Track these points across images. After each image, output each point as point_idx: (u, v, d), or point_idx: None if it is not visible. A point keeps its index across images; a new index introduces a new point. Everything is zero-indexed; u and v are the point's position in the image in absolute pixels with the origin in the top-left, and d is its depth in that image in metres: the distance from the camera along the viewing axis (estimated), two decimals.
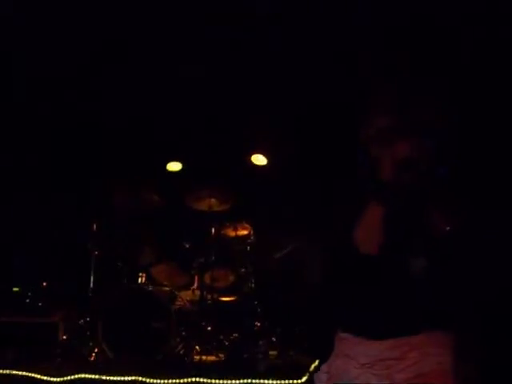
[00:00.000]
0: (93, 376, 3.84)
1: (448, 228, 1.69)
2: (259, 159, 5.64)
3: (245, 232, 5.26)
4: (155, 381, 3.79)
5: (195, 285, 5.12)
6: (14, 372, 3.90)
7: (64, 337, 4.60)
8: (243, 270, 5.08)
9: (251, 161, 5.62)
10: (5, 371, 3.90)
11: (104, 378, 3.82)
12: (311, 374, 3.63)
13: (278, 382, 3.74)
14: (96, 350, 4.35)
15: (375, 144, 1.77)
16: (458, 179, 1.80)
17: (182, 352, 4.51)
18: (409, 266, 1.72)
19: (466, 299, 1.71)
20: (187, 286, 5.12)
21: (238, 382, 3.76)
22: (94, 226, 4.91)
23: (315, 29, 4.00)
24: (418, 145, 1.69)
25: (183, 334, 4.58)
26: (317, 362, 3.72)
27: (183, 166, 5.65)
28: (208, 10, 4.01)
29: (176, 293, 4.87)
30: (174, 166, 5.68)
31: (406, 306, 1.75)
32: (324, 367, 1.94)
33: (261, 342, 4.55)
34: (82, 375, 3.86)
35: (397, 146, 1.69)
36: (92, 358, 4.33)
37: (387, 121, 1.75)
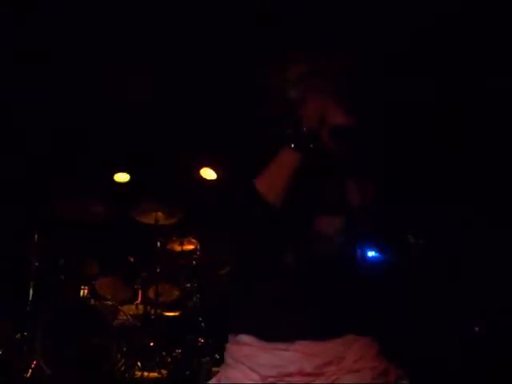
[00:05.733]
0: None
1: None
2: (208, 173, 5.62)
3: (191, 247, 5.22)
4: None
5: (139, 299, 5.03)
6: None
7: None
8: (188, 285, 5.04)
9: (200, 175, 5.60)
10: None
11: None
12: None
13: None
14: (33, 366, 4.19)
15: (295, 90, 1.62)
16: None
17: (123, 368, 4.41)
18: (323, 225, 1.59)
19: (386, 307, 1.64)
20: (131, 301, 5.03)
21: None
22: (36, 237, 4.76)
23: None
24: (352, 112, 1.55)
25: (124, 349, 4.47)
26: None
27: (131, 177, 5.57)
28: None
29: (119, 307, 4.77)
30: (122, 177, 5.60)
31: (324, 303, 1.51)
32: (213, 380, 1.61)
33: (204, 359, 4.51)
34: None
35: (327, 106, 1.56)
36: (28, 375, 4.16)
37: (306, 66, 1.62)
